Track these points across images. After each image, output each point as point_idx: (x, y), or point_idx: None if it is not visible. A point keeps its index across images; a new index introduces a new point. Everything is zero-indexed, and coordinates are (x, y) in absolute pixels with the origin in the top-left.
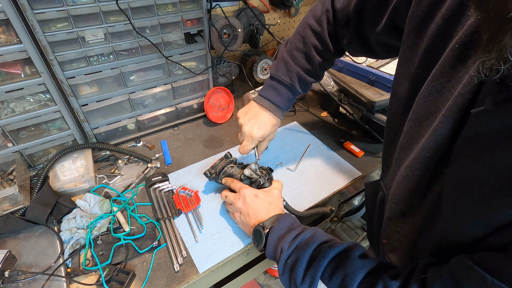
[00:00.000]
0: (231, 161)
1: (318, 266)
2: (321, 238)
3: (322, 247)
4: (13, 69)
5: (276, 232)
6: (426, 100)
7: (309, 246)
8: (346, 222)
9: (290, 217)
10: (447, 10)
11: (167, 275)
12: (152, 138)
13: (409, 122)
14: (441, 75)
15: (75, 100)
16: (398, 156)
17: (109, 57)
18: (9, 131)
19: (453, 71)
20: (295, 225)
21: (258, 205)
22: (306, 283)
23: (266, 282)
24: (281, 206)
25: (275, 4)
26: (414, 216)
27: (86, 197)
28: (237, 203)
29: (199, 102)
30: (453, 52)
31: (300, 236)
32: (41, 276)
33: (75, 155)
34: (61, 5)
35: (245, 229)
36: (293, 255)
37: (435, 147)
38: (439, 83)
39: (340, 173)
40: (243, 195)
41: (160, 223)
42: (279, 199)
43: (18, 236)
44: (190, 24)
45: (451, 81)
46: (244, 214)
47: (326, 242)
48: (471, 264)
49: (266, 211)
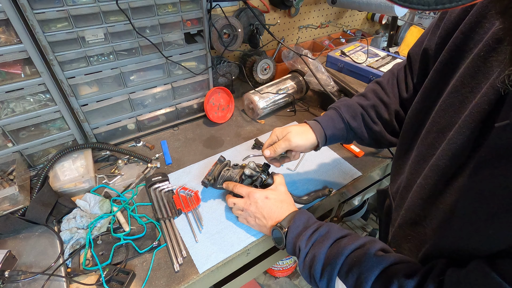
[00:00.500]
0: (226, 164)
1: (335, 263)
2: (336, 234)
3: (339, 243)
4: (13, 69)
5: (293, 231)
6: (448, 111)
7: (324, 244)
8: (346, 222)
9: (304, 214)
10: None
11: (167, 275)
12: (152, 138)
13: (430, 133)
14: (463, 86)
15: (75, 100)
16: (418, 164)
17: (109, 57)
18: (9, 131)
19: (474, 82)
20: (311, 222)
21: (271, 206)
22: (325, 280)
23: (266, 282)
24: (292, 201)
25: (275, 4)
26: (425, 225)
27: (86, 197)
28: (250, 208)
29: (199, 102)
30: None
31: (316, 233)
32: (41, 276)
33: (75, 155)
34: (61, 5)
35: (263, 231)
36: (311, 252)
37: (449, 157)
38: (461, 93)
39: (340, 173)
40: (254, 199)
41: (160, 223)
42: (288, 195)
43: (18, 236)
44: (190, 24)
45: (473, 92)
46: (259, 217)
47: (342, 237)
48: (489, 271)
49: (281, 211)
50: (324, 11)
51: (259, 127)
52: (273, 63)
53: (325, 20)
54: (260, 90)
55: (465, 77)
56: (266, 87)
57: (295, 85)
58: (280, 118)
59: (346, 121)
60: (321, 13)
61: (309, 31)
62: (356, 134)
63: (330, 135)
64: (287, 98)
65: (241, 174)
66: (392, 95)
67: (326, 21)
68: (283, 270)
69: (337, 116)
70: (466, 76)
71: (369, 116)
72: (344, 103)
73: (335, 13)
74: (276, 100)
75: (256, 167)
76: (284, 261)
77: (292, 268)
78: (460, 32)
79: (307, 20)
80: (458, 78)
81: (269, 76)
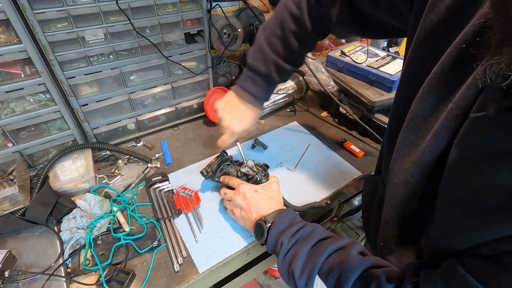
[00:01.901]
0: (227, 159)
1: (316, 262)
2: (320, 234)
3: (321, 243)
4: (13, 69)
5: (277, 226)
6: (424, 100)
7: (308, 242)
8: (346, 222)
9: (291, 212)
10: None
11: (167, 275)
12: (152, 138)
13: (405, 123)
14: (443, 74)
15: (75, 100)
16: (396, 156)
17: (109, 57)
18: (9, 131)
19: (457, 71)
20: (296, 221)
21: (258, 200)
22: (304, 278)
23: (266, 282)
24: (281, 200)
25: (275, 4)
26: (411, 221)
27: (86, 197)
28: (237, 199)
29: (199, 102)
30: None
31: (301, 231)
32: (41, 276)
33: (75, 155)
34: (61, 5)
35: (246, 224)
36: (293, 249)
37: (437, 152)
38: (439, 82)
39: (340, 173)
40: (243, 191)
41: (160, 223)
42: (278, 193)
43: (18, 236)
44: (190, 24)
45: (453, 82)
46: (245, 209)
47: (326, 238)
48: (464, 273)
49: (268, 206)
50: None
51: (259, 127)
52: None
53: None
54: None
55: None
56: None
57: (295, 85)
58: (280, 118)
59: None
60: None
61: None
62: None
63: (264, 97)
64: (287, 98)
65: (238, 171)
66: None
67: None
68: None
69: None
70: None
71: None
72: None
73: None
74: (276, 100)
75: (254, 166)
76: None
77: None
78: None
79: None
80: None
81: None
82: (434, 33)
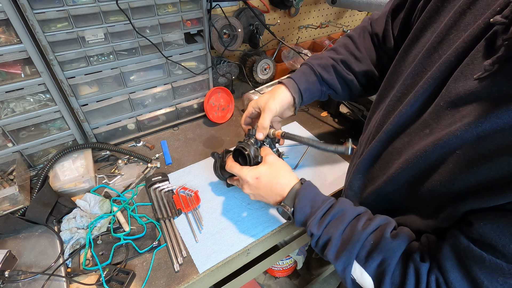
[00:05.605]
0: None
1: (352, 249)
2: (350, 214)
3: (353, 226)
4: (13, 69)
5: (300, 212)
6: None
7: (339, 227)
8: None
9: (308, 189)
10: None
11: (167, 275)
12: (152, 138)
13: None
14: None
15: (75, 100)
16: (386, 114)
17: (109, 57)
18: (9, 131)
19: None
20: (318, 201)
21: (265, 185)
22: (341, 263)
23: (266, 282)
24: (288, 169)
25: (275, 4)
26: None
27: (86, 197)
28: (245, 189)
29: (199, 102)
30: (453, 16)
31: (328, 215)
32: (41, 276)
33: (75, 155)
34: (61, 5)
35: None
36: (323, 236)
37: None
38: (432, 46)
39: (340, 173)
40: (246, 181)
41: (160, 223)
42: (281, 163)
43: (18, 236)
44: (190, 24)
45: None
46: (258, 196)
47: (356, 217)
48: (468, 243)
49: (279, 187)
50: (324, 11)
51: None
52: (273, 63)
53: (325, 20)
54: (260, 90)
55: (441, 31)
56: (266, 87)
57: None
58: None
59: (318, 73)
60: (321, 13)
61: (309, 31)
62: (329, 86)
63: (304, 89)
64: None
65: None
66: (363, 49)
67: (326, 21)
68: (283, 270)
69: (308, 70)
70: (443, 30)
71: (340, 67)
72: (314, 57)
73: (335, 13)
74: None
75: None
76: (284, 261)
77: (292, 268)
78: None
79: (307, 20)
80: (439, 32)
81: (269, 76)
82: None
